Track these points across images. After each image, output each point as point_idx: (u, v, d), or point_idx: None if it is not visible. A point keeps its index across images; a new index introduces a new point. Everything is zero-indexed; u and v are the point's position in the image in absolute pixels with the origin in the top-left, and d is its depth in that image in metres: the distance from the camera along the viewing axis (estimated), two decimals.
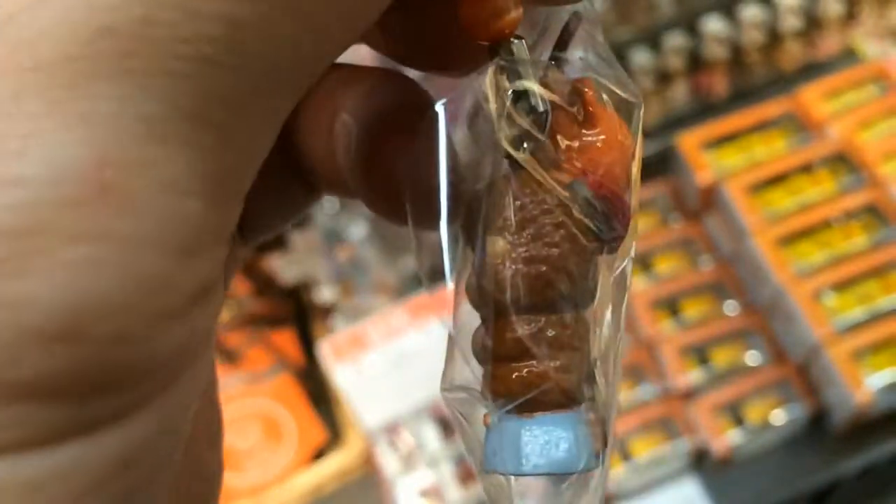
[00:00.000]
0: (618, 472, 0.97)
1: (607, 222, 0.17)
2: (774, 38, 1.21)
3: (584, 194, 0.17)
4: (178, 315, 0.13)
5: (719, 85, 1.23)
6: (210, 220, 0.14)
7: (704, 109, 1.22)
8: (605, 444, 0.18)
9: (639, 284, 1.05)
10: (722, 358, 1.01)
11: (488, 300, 0.17)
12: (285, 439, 1.08)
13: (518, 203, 0.17)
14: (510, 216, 0.17)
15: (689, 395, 1.00)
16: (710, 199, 1.07)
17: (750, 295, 1.04)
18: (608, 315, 0.18)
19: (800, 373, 1.00)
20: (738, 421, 0.98)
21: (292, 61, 0.14)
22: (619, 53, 1.17)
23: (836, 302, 0.98)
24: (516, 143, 0.17)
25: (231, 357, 1.14)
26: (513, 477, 0.18)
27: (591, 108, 0.17)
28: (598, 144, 0.17)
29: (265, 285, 1.17)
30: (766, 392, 0.99)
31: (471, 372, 0.18)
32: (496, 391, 0.17)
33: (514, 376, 0.17)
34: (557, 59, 0.18)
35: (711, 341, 1.02)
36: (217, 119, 0.13)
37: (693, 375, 1.00)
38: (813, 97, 1.10)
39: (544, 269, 0.17)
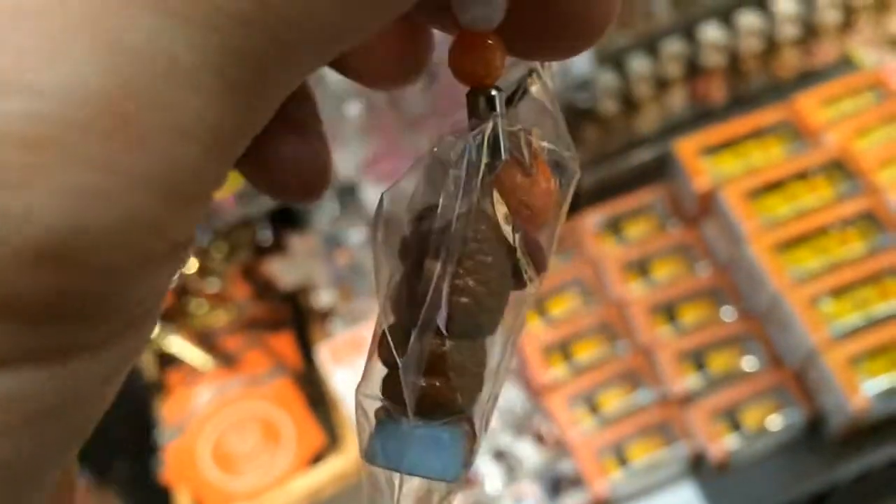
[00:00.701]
0: (615, 477, 0.97)
1: (530, 268, 0.19)
2: (772, 45, 1.21)
3: (516, 239, 0.19)
4: (162, 260, 0.14)
5: (717, 92, 1.23)
6: (208, 173, 0.14)
7: (702, 116, 1.22)
8: (471, 463, 0.20)
9: (637, 290, 1.06)
10: (719, 363, 1.02)
11: (411, 315, 0.19)
12: (284, 443, 1.09)
13: (463, 236, 0.18)
14: (453, 247, 0.18)
15: (687, 400, 1.00)
16: (708, 205, 1.07)
17: (747, 301, 1.05)
18: (506, 347, 0.20)
19: (796, 378, 1.00)
20: (735, 426, 0.99)
21: (322, 34, 0.14)
22: (618, 60, 1.18)
23: (833, 308, 0.98)
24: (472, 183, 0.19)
25: (230, 360, 1.14)
26: (395, 473, 0.20)
27: (535, 162, 0.19)
28: (536, 196, 0.19)
29: (264, 289, 1.18)
30: (763, 397, 1.00)
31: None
32: (398, 396, 0.19)
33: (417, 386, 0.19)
34: (509, 106, 0.20)
35: (708, 347, 1.02)
36: (236, 76, 0.13)
37: (690, 381, 1.00)
38: (810, 104, 1.10)
39: (469, 301, 0.18)
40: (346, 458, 1.06)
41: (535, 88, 0.20)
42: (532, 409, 1.03)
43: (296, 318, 1.18)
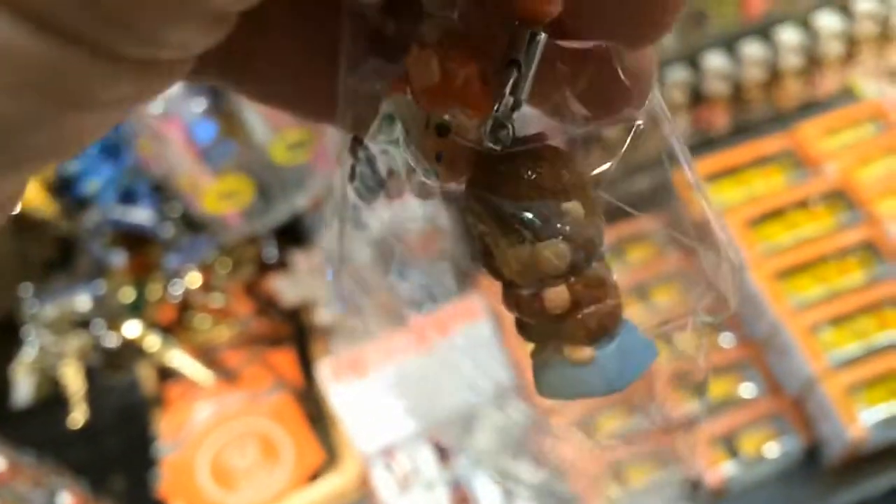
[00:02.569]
0: (612, 501, 0.97)
1: None
2: (775, 75, 1.23)
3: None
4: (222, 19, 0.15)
5: (720, 120, 1.24)
6: None
7: (704, 143, 1.24)
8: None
9: (635, 315, 1.06)
10: (717, 389, 1.02)
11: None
12: (282, 459, 1.09)
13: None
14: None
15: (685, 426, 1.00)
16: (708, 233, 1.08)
17: (746, 327, 1.05)
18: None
19: (794, 406, 1.00)
20: (733, 453, 0.99)
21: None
22: None
23: (832, 336, 0.98)
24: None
25: (230, 376, 1.15)
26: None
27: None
28: None
29: (267, 306, 1.18)
30: (761, 425, 1.00)
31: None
32: (589, 328, 0.22)
33: (599, 313, 0.23)
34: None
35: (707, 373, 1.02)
36: None
37: (688, 406, 1.00)
38: (812, 134, 1.11)
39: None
40: (344, 476, 1.06)
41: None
42: (531, 429, 1.03)
43: (297, 335, 1.19)
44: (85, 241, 1.12)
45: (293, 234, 1.17)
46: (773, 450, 0.99)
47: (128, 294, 1.11)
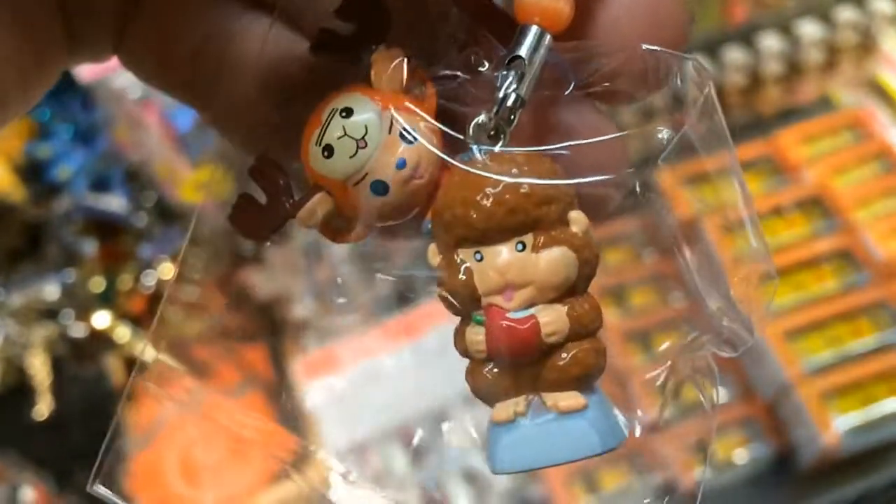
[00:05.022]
0: None
1: None
2: (755, 81, 1.23)
3: None
4: None
5: None
6: None
7: (684, 147, 1.23)
8: None
9: (612, 317, 1.06)
10: (689, 393, 1.02)
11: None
12: (251, 457, 1.07)
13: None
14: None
15: (657, 430, 1.00)
16: (690, 234, 1.08)
17: None
18: None
19: (768, 411, 1.00)
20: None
21: None
22: None
23: (807, 343, 0.99)
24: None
25: (200, 371, 1.13)
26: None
27: None
28: None
29: (240, 300, 1.17)
30: (732, 430, 1.00)
31: None
32: (581, 367, 0.20)
33: (595, 350, 0.20)
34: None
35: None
36: None
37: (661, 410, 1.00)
38: (790, 141, 1.12)
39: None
40: (314, 475, 1.05)
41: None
42: None
43: (270, 330, 1.17)
44: (55, 229, 1.09)
45: None
46: (742, 456, 0.99)
47: (98, 284, 1.08)
